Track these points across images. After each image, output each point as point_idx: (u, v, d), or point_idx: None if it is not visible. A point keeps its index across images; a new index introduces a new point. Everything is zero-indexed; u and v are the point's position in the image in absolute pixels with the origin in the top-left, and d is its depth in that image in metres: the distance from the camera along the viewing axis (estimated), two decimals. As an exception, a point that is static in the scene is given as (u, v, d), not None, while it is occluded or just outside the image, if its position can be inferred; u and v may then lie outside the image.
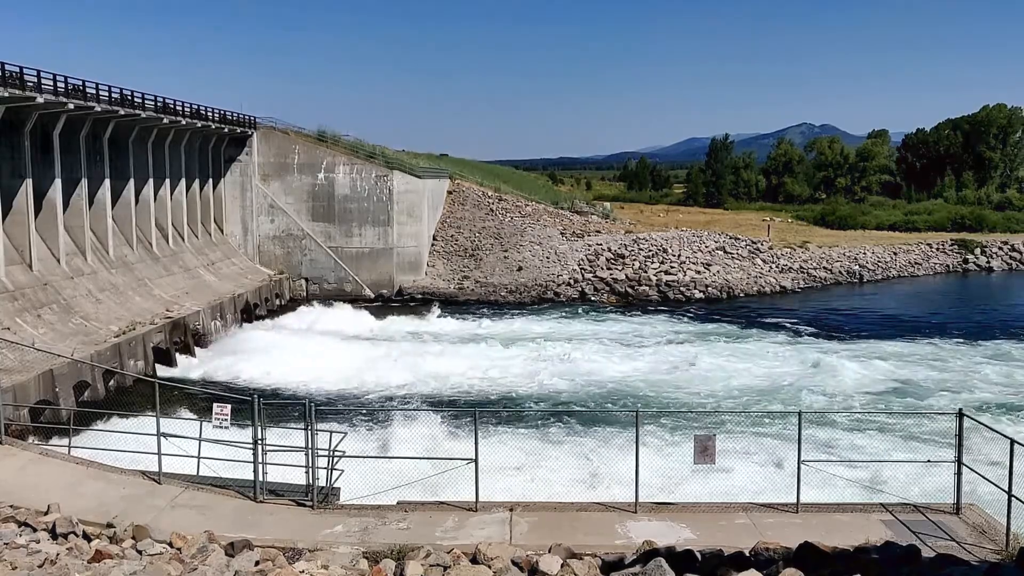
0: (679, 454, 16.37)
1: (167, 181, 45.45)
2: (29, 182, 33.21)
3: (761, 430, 24.10)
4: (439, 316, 46.71)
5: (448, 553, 11.24)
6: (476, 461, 13.39)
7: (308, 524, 12.96)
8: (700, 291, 54.60)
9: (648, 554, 10.82)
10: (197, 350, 36.94)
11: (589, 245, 59.50)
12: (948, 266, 69.55)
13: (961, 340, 41.14)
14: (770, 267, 60.41)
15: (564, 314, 48.81)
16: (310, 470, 13.63)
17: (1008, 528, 11.87)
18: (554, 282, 54.54)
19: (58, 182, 35.11)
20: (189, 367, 35.01)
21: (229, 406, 14.17)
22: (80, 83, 35.37)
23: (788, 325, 45.08)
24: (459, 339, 41.32)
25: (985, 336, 42.03)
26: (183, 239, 46.99)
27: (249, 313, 45.09)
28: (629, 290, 54.27)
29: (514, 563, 11.04)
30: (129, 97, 39.42)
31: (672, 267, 56.78)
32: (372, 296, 52.60)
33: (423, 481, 13.83)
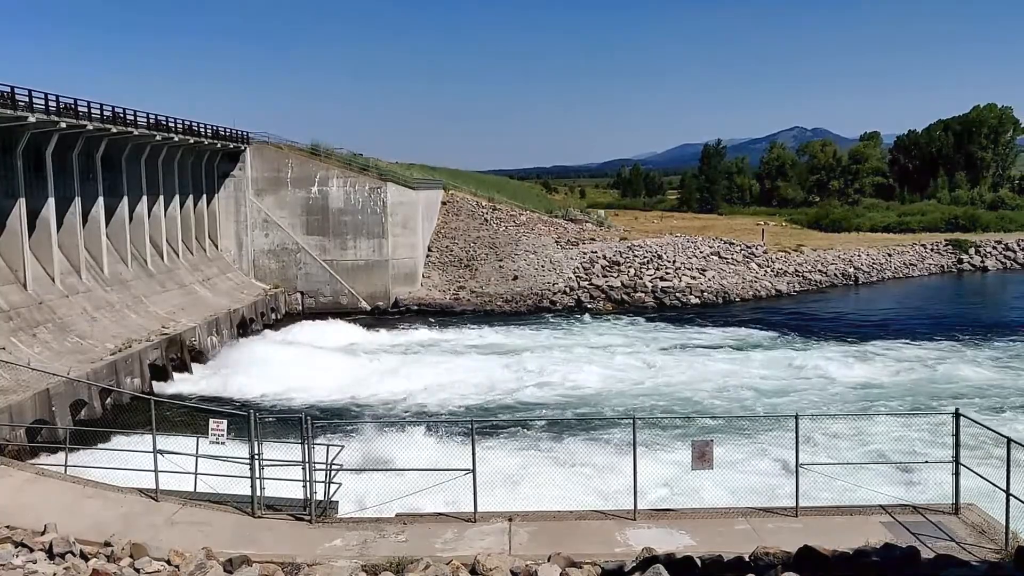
0: (677, 460, 16.36)
1: (161, 198, 45.43)
2: (22, 201, 33.18)
3: (759, 434, 24.08)
4: (435, 327, 46.67)
5: (447, 565, 11.21)
6: (474, 472, 13.36)
7: (307, 539, 12.91)
8: (696, 296, 54.68)
9: (647, 561, 10.81)
10: (193, 366, 36.84)
11: (584, 253, 59.56)
12: (943, 267, 69.78)
13: (957, 340, 41.25)
14: (765, 271, 60.53)
15: (560, 322, 48.80)
16: (308, 484, 13.59)
17: (1007, 527, 11.87)
18: (550, 291, 54.54)
19: (51, 201, 35.08)
20: (186, 383, 34.91)
21: (225, 421, 14.13)
22: (72, 101, 35.37)
23: (784, 328, 45.07)
24: (455, 350, 41.28)
25: (982, 336, 42.15)
26: (178, 255, 46.95)
27: (245, 328, 45.02)
28: (625, 297, 54.31)
29: (513, 573, 11.03)
30: (121, 115, 39.42)
31: (667, 273, 56.87)
32: (368, 308, 52.56)
33: (421, 493, 13.79)
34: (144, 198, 43.63)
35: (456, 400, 32.14)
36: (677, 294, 54.56)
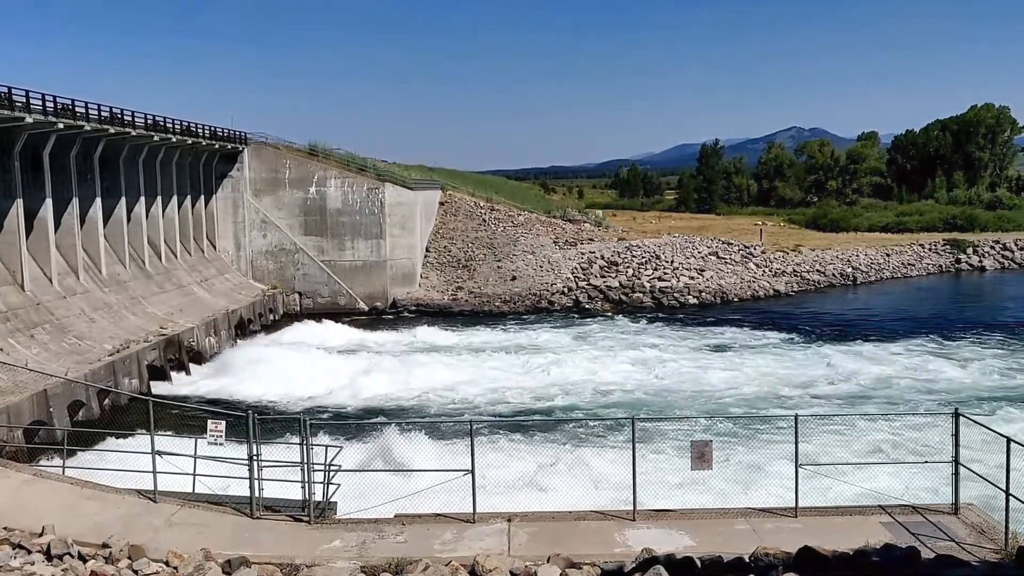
0: (677, 460, 16.34)
1: (159, 198, 45.37)
2: (20, 202, 33.12)
3: (758, 434, 24.09)
4: (434, 328, 46.62)
5: (446, 566, 11.18)
6: (473, 472, 13.33)
7: (305, 540, 12.88)
8: (694, 296, 54.67)
9: (647, 562, 10.79)
10: (192, 367, 36.80)
11: (582, 253, 59.53)
12: (941, 266, 69.81)
13: (955, 339, 41.29)
14: (763, 271, 60.53)
15: (559, 323, 48.77)
16: (306, 485, 13.56)
17: (1007, 527, 11.85)
18: (548, 291, 54.52)
19: (49, 202, 35.01)
20: (184, 384, 34.88)
21: (224, 422, 14.09)
22: (69, 102, 35.27)
23: (782, 328, 45.03)
24: (454, 350, 41.24)
25: (980, 334, 42.18)
26: (176, 256, 46.88)
27: (243, 329, 44.96)
28: (623, 297, 54.29)
29: (513, 574, 11.00)
30: (119, 115, 39.33)
31: (665, 273, 56.86)
32: (366, 309, 52.51)
33: (420, 493, 13.76)
34: (142, 199, 43.56)
35: (454, 400, 32.13)
36: (675, 294, 54.55)
